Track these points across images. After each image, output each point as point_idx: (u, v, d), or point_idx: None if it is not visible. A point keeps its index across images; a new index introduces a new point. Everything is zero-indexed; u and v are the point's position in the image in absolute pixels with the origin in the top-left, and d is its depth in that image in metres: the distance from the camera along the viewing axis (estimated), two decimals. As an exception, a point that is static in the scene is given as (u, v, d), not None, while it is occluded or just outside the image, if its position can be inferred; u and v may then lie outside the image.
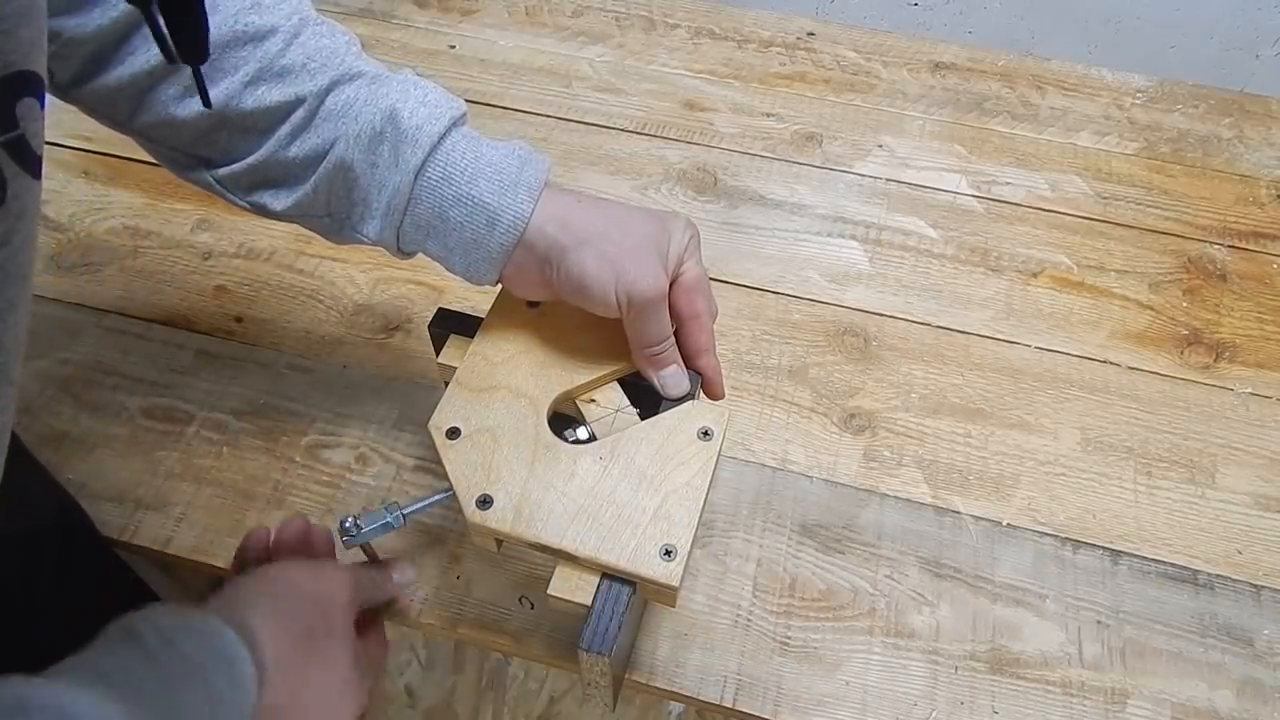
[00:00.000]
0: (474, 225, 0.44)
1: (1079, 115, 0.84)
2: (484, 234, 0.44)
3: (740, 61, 0.87)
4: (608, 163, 0.78)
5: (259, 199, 0.45)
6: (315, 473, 0.59)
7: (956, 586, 0.56)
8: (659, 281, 0.44)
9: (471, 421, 0.46)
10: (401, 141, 0.42)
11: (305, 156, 0.43)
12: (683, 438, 0.46)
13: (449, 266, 0.46)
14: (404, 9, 0.89)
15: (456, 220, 0.44)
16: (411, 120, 0.42)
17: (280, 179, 0.45)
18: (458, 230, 0.44)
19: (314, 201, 0.45)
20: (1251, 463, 0.62)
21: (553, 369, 0.48)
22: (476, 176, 0.43)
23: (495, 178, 0.43)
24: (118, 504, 0.57)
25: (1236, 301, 0.71)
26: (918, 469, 0.61)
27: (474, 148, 0.44)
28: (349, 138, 0.42)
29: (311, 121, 0.43)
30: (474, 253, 0.45)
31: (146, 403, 0.62)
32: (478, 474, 0.44)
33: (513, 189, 0.43)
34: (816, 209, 0.76)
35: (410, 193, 0.43)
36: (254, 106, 0.42)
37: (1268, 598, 0.57)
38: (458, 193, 0.43)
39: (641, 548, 0.42)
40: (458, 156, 0.43)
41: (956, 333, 0.68)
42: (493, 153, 0.44)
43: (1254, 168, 0.80)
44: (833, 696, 0.52)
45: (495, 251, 0.44)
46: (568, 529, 0.43)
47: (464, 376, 0.48)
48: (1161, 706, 0.53)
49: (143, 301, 0.67)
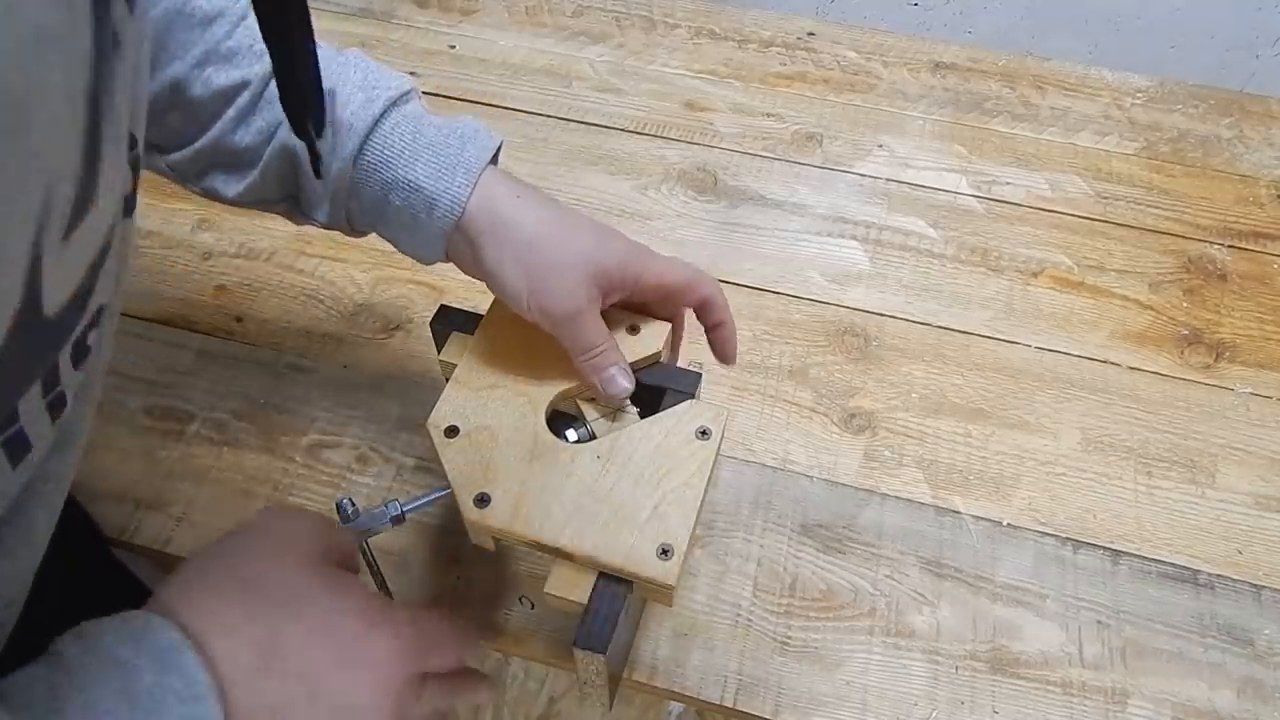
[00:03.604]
0: (413, 209, 0.43)
1: (1079, 115, 0.84)
2: (423, 218, 0.43)
3: (740, 61, 0.87)
4: (608, 163, 0.78)
5: (211, 184, 0.45)
6: (315, 473, 0.59)
7: (957, 586, 0.56)
8: (573, 304, 0.43)
9: (470, 420, 0.46)
10: (339, 128, 0.42)
11: (252, 141, 0.43)
12: (681, 437, 0.45)
13: (398, 247, 0.46)
14: (404, 9, 0.89)
15: (396, 204, 0.43)
16: (348, 105, 0.42)
17: (230, 164, 0.44)
18: (398, 214, 0.44)
19: (265, 186, 0.44)
20: (1252, 463, 0.62)
21: (552, 367, 0.47)
22: (414, 160, 0.43)
23: (433, 160, 0.43)
24: (118, 504, 0.57)
25: (1236, 301, 0.71)
26: (918, 469, 0.61)
27: (413, 129, 0.43)
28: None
29: (256, 105, 0.43)
30: (417, 235, 0.44)
31: (146, 403, 0.62)
32: (476, 472, 0.44)
33: (450, 171, 0.43)
34: (816, 209, 0.76)
35: (351, 179, 0.43)
36: (201, 90, 0.42)
37: (1268, 598, 0.57)
38: (395, 177, 0.43)
39: (638, 547, 0.42)
40: (395, 139, 0.43)
41: (957, 333, 0.68)
42: (433, 133, 0.43)
43: (1254, 168, 0.80)
44: (833, 696, 0.52)
45: (435, 234, 0.44)
46: (565, 527, 0.42)
47: (463, 375, 0.47)
48: (1162, 706, 0.52)
49: (143, 301, 0.67)
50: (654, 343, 0.48)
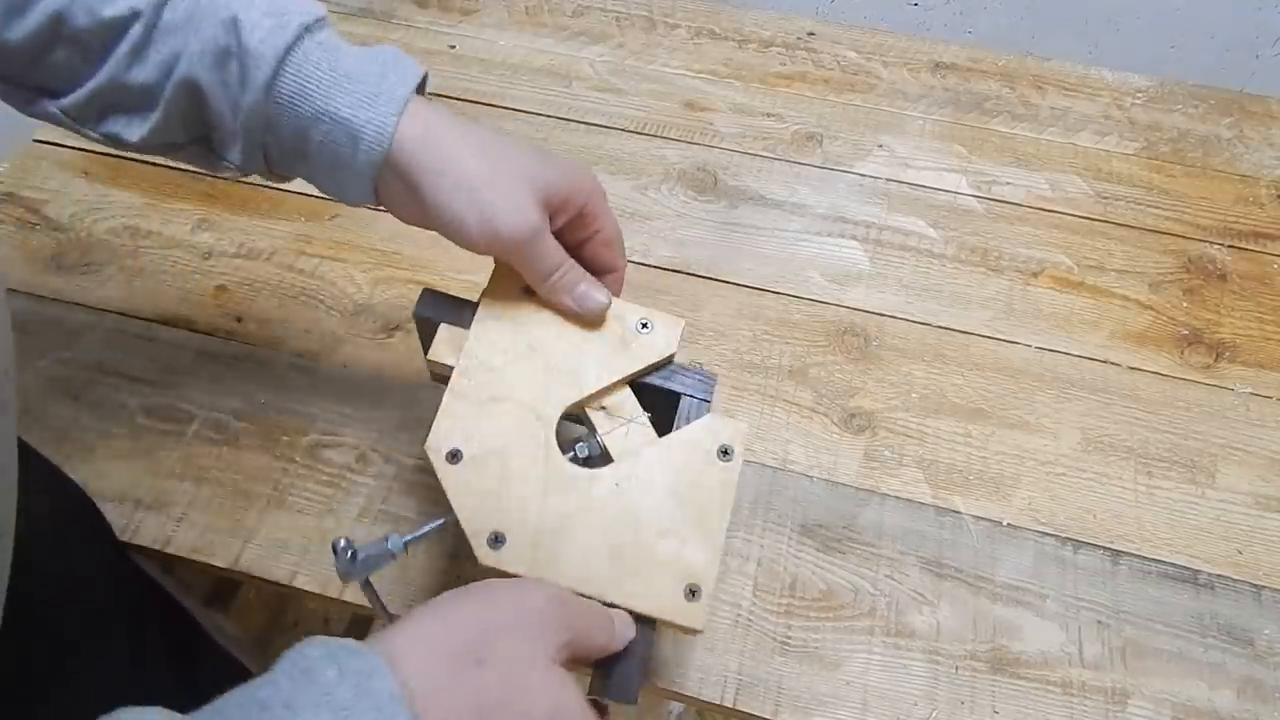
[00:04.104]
0: (336, 143, 0.40)
1: (1079, 115, 0.84)
2: (347, 152, 0.40)
3: (740, 61, 0.87)
4: (608, 163, 0.78)
5: (112, 129, 0.42)
6: (315, 473, 0.59)
7: (957, 586, 0.56)
8: (526, 218, 0.40)
9: (474, 442, 0.42)
10: (247, 57, 0.38)
11: (151, 78, 0.39)
12: (701, 457, 0.43)
13: (321, 189, 0.43)
14: (404, 9, 0.89)
15: (318, 140, 0.40)
16: (255, 32, 0.38)
17: (130, 105, 0.41)
18: (320, 150, 0.40)
19: (170, 128, 0.41)
20: (1252, 463, 0.62)
21: (559, 374, 0.44)
22: (333, 89, 0.39)
23: (354, 89, 0.39)
24: (118, 504, 0.57)
25: (1236, 301, 0.71)
26: (918, 469, 0.61)
27: (330, 57, 0.40)
28: (192, 55, 0.39)
29: (151, 37, 0.39)
30: (341, 173, 0.41)
31: (146, 403, 0.62)
32: (487, 506, 0.40)
33: (373, 101, 0.39)
34: (816, 209, 0.76)
35: (266, 113, 0.40)
36: (87, 20, 0.38)
37: (1268, 598, 0.57)
38: (315, 109, 0.39)
39: (664, 588, 0.40)
40: (311, 68, 0.39)
41: (957, 333, 0.68)
42: (351, 61, 0.40)
43: (1254, 168, 0.80)
44: (833, 696, 0.52)
45: (362, 170, 0.40)
46: (589, 570, 0.40)
47: (461, 385, 0.43)
48: (1162, 706, 0.53)
49: (143, 301, 0.67)
50: (668, 341, 0.46)
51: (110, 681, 0.51)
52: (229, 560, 0.55)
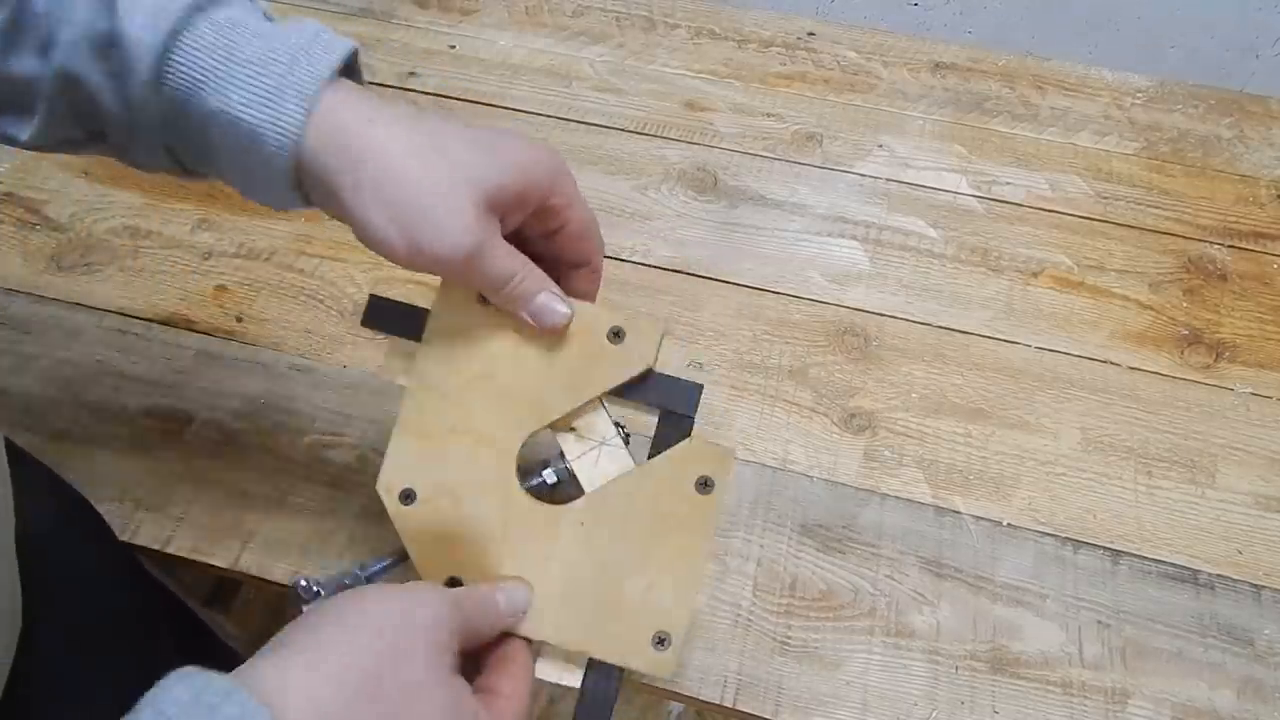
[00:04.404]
0: (235, 145, 0.34)
1: (1079, 115, 0.84)
2: (252, 158, 0.34)
3: (740, 61, 0.87)
4: (608, 163, 0.78)
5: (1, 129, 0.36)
6: (315, 473, 0.59)
7: (957, 586, 0.56)
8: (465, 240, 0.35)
9: (427, 481, 0.39)
10: (126, 43, 0.33)
11: (28, 70, 0.34)
12: (678, 492, 0.39)
13: (244, 195, 0.37)
14: (404, 9, 0.89)
15: (217, 139, 0.34)
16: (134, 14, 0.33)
17: (10, 102, 0.35)
18: (221, 154, 0.35)
19: (60, 125, 0.36)
20: (1252, 463, 0.62)
21: (520, 399, 0.39)
22: (228, 82, 0.33)
23: (252, 82, 0.33)
24: (118, 504, 0.57)
25: (1236, 301, 0.71)
26: (918, 469, 0.61)
27: (226, 42, 0.33)
28: (68, 44, 0.33)
29: (20, 24, 0.33)
30: (253, 178, 0.35)
31: (147, 403, 0.62)
32: (440, 551, 0.38)
33: (276, 97, 0.33)
34: (816, 209, 0.76)
35: (159, 109, 0.34)
36: None
37: (1268, 598, 0.57)
38: (208, 107, 0.33)
39: (632, 636, 0.37)
40: (204, 57, 0.33)
41: (956, 333, 0.68)
42: (256, 47, 0.34)
43: (1254, 168, 0.80)
44: (833, 696, 0.52)
45: (275, 177, 0.34)
46: (551, 619, 0.37)
47: (411, 419, 0.40)
48: (1162, 706, 0.53)
49: (143, 301, 0.67)
50: (644, 353, 0.40)
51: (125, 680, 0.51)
52: (229, 560, 0.55)
